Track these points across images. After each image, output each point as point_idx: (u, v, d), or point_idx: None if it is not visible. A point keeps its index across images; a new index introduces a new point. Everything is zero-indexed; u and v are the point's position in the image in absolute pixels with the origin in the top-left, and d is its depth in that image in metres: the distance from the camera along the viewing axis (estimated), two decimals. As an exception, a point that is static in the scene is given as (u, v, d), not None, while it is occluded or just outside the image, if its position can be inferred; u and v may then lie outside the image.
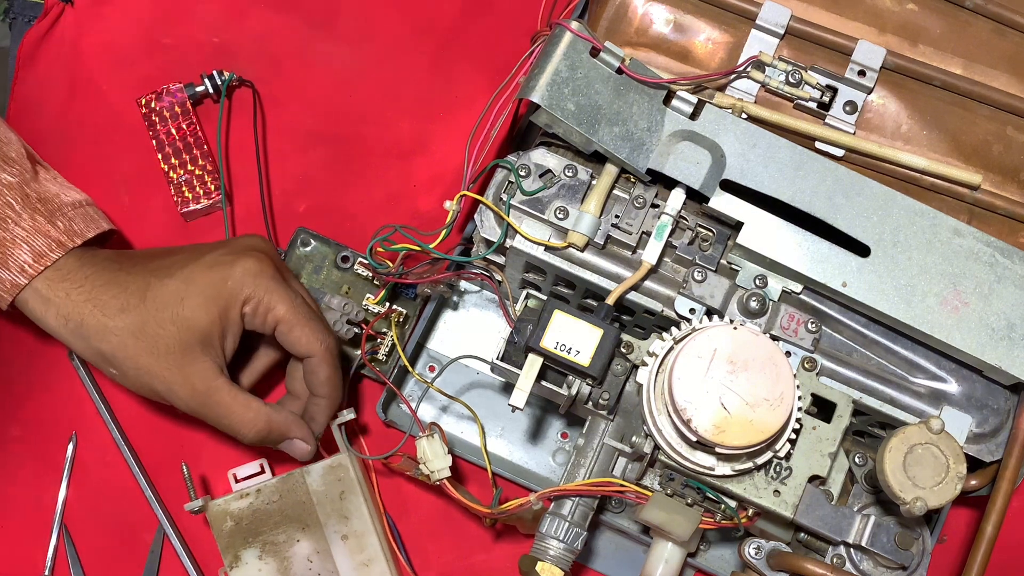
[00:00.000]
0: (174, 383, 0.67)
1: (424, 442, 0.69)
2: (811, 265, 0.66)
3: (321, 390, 0.71)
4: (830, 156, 0.71)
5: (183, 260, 0.68)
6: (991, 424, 0.67)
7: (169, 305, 0.66)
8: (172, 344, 0.66)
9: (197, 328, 0.67)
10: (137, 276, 0.68)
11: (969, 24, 0.74)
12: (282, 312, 0.68)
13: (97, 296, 0.67)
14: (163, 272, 0.68)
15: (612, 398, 0.65)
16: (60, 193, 0.69)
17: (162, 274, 0.68)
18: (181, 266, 0.68)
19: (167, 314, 0.66)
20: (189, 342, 0.66)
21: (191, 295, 0.67)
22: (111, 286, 0.67)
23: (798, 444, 0.64)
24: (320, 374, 0.70)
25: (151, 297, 0.67)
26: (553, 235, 0.68)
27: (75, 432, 0.77)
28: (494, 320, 0.81)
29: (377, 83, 0.85)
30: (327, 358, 0.70)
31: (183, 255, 0.69)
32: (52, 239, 0.67)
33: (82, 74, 0.83)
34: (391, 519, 0.76)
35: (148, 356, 0.66)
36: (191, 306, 0.67)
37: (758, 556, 0.68)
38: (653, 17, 0.74)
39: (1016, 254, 0.67)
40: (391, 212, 0.82)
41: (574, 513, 0.66)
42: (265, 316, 0.68)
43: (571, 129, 0.66)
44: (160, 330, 0.66)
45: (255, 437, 0.69)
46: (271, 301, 0.68)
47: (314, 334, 0.69)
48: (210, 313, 0.67)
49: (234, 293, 0.67)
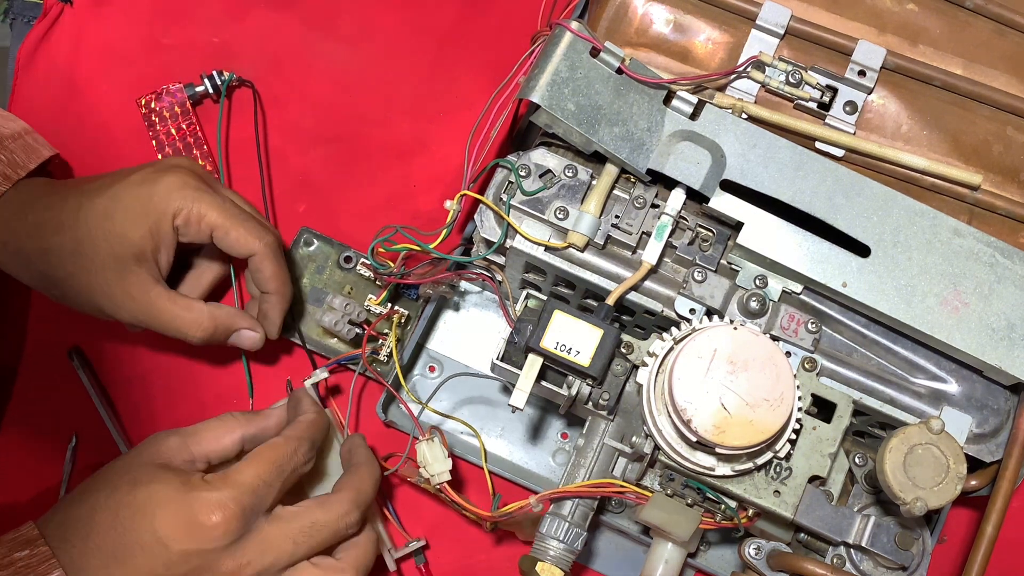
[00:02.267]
0: (114, 296, 0.69)
1: (424, 446, 0.69)
2: (811, 265, 0.66)
3: (268, 286, 0.73)
4: (830, 156, 0.71)
5: (111, 180, 0.70)
6: (991, 424, 0.67)
7: (100, 222, 0.68)
8: (107, 260, 0.68)
9: (128, 242, 0.68)
10: (70, 199, 0.69)
11: (969, 24, 0.74)
12: (214, 217, 0.70)
13: (34, 221, 0.69)
14: (93, 192, 0.69)
15: (612, 398, 0.65)
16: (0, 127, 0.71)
17: (92, 194, 0.69)
18: (109, 185, 0.69)
19: (99, 232, 0.68)
20: (122, 256, 0.68)
21: (119, 211, 0.68)
22: (47, 210, 0.69)
23: (798, 444, 0.64)
24: (265, 271, 0.72)
25: (83, 217, 0.68)
26: (553, 235, 0.68)
27: (75, 432, 0.77)
28: (494, 320, 0.81)
29: (377, 83, 0.85)
30: (268, 254, 0.71)
31: (112, 176, 0.71)
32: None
33: (82, 74, 0.83)
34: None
35: (86, 274, 0.68)
36: (120, 221, 0.68)
37: (758, 556, 0.68)
38: (653, 17, 0.74)
39: (1016, 254, 0.67)
40: (391, 212, 0.82)
41: (574, 513, 0.66)
42: (199, 225, 0.70)
43: (571, 129, 0.66)
44: (93, 247, 0.68)
45: (203, 335, 0.71)
46: (201, 209, 0.69)
47: (250, 232, 0.71)
48: (139, 228, 0.68)
49: (162, 207, 0.69)
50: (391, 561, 0.74)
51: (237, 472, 0.63)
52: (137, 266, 0.68)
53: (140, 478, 0.62)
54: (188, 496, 0.61)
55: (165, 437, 0.65)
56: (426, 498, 0.77)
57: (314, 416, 0.69)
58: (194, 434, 0.65)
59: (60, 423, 0.78)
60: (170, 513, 0.60)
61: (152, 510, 0.61)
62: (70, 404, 0.78)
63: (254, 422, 0.68)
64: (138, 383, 0.78)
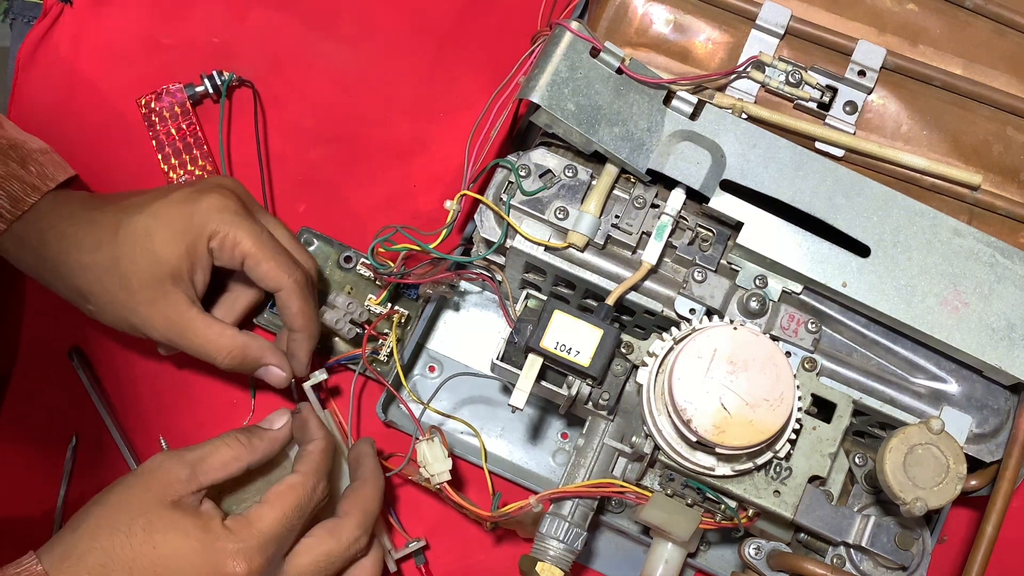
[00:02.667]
0: (149, 315, 0.68)
1: (424, 446, 0.69)
2: (811, 265, 0.66)
3: (295, 323, 0.71)
4: (830, 156, 0.71)
5: (152, 197, 0.69)
6: (991, 424, 0.67)
7: (139, 240, 0.68)
8: (144, 277, 0.67)
9: (166, 262, 0.68)
10: (108, 214, 0.69)
11: (969, 24, 0.74)
12: (247, 246, 0.69)
13: (72, 235, 0.68)
14: (133, 209, 0.69)
15: (612, 398, 0.65)
16: (26, 140, 0.71)
17: (132, 211, 0.69)
18: (149, 203, 0.69)
19: (138, 249, 0.67)
20: (160, 275, 0.67)
21: (159, 230, 0.68)
22: (84, 225, 0.69)
23: (798, 444, 0.64)
24: (291, 307, 0.71)
25: (122, 233, 0.68)
26: (553, 235, 0.68)
27: (75, 432, 0.77)
28: (494, 320, 0.81)
29: (377, 83, 0.85)
30: (296, 291, 0.70)
31: (152, 193, 0.70)
32: (27, 183, 0.69)
33: (82, 74, 0.83)
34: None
35: (122, 290, 0.68)
36: (160, 240, 0.68)
37: (758, 556, 0.68)
38: (653, 17, 0.74)
39: (1016, 254, 0.67)
40: (391, 212, 0.82)
41: (574, 513, 0.66)
42: (232, 251, 0.69)
43: (571, 129, 0.66)
44: (132, 265, 0.67)
45: (231, 361, 0.70)
46: (236, 235, 0.69)
47: (281, 267, 0.70)
48: (178, 247, 0.68)
49: (200, 228, 0.68)
50: (391, 561, 0.74)
51: (260, 519, 0.62)
52: (174, 286, 0.68)
53: (155, 524, 0.60)
54: (212, 548, 0.60)
55: (171, 468, 0.62)
56: (426, 498, 0.77)
57: (324, 444, 0.68)
58: (201, 462, 0.63)
59: (60, 423, 0.78)
60: (194, 569, 0.60)
61: (175, 566, 0.60)
62: (70, 404, 0.78)
63: (260, 448, 0.66)
64: (138, 383, 0.78)
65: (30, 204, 0.68)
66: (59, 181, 0.71)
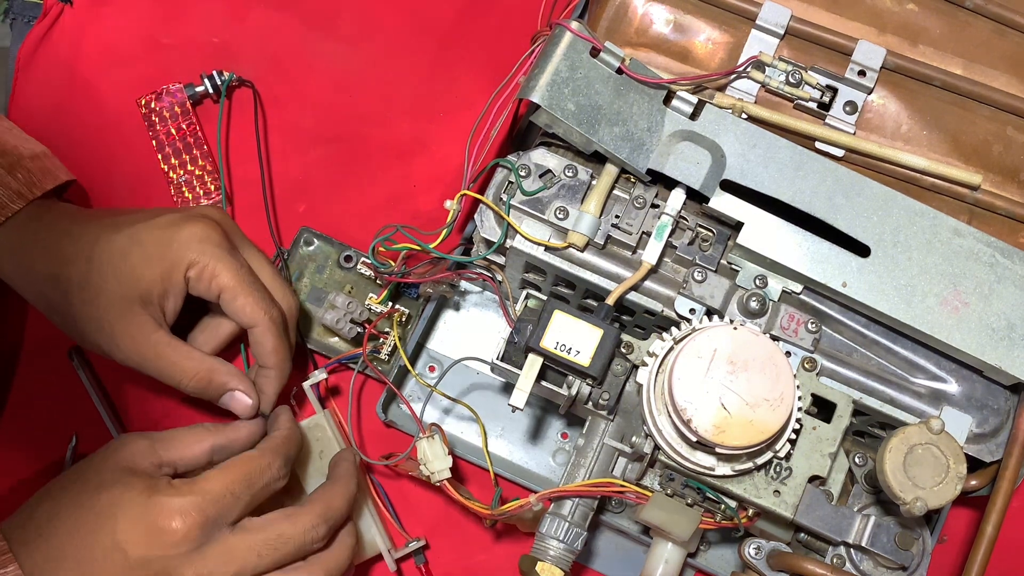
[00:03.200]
0: (112, 334, 0.67)
1: (424, 443, 0.69)
2: (811, 265, 0.66)
3: (267, 360, 0.71)
4: (830, 156, 0.71)
5: (136, 219, 0.69)
6: (991, 424, 0.67)
7: (114, 260, 0.67)
8: (112, 297, 0.67)
9: (137, 284, 0.67)
10: (90, 230, 0.69)
11: (969, 24, 0.74)
12: (225, 280, 0.68)
13: (49, 246, 0.68)
14: (113, 228, 0.69)
15: (612, 398, 0.65)
16: (19, 145, 0.71)
17: (112, 230, 0.68)
18: (131, 224, 0.69)
19: (110, 268, 0.67)
20: (129, 296, 0.67)
21: (135, 252, 0.67)
22: (63, 237, 0.69)
23: (798, 444, 0.64)
24: (265, 344, 0.70)
25: (98, 251, 0.68)
26: (553, 235, 0.68)
27: (75, 432, 0.77)
28: (494, 320, 0.81)
29: (377, 83, 0.85)
30: (271, 328, 0.69)
31: (136, 215, 0.70)
32: (12, 191, 0.69)
33: (82, 74, 0.83)
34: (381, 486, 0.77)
35: (90, 307, 0.67)
36: (134, 262, 0.67)
37: (758, 556, 0.68)
38: (653, 17, 0.74)
39: (1016, 254, 0.67)
40: (391, 212, 0.82)
41: (574, 513, 0.66)
42: (209, 282, 0.68)
43: (571, 129, 0.66)
44: (102, 283, 0.67)
45: (196, 385, 0.68)
46: (215, 268, 0.68)
47: (257, 303, 0.69)
48: (152, 272, 0.67)
49: (178, 256, 0.68)
50: (391, 561, 0.74)
51: (204, 480, 0.63)
52: (141, 308, 0.67)
53: (105, 481, 0.61)
54: (150, 501, 0.60)
55: (134, 440, 0.64)
56: (426, 498, 0.77)
57: (288, 432, 0.69)
58: (163, 439, 0.65)
59: (60, 423, 0.78)
60: (131, 517, 0.60)
61: (113, 514, 0.60)
62: (70, 404, 0.78)
63: (225, 433, 0.67)
64: (138, 383, 0.78)
65: (13, 211, 0.68)
66: (46, 189, 0.70)
